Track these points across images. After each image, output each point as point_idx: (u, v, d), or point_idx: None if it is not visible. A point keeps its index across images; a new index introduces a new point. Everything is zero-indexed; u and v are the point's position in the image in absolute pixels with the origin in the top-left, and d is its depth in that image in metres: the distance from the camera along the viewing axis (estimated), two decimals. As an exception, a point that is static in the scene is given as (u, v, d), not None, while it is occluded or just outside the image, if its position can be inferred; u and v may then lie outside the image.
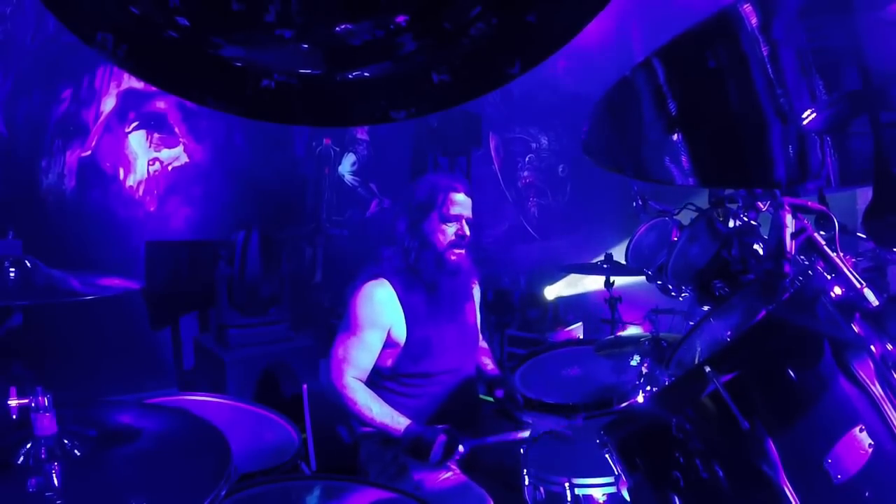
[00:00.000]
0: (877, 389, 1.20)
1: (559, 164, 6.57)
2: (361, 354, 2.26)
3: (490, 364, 2.59)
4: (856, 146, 1.27)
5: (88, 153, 4.96)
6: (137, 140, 5.17)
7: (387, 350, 2.29)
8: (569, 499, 1.74)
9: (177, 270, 4.80)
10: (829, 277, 1.31)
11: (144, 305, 4.75)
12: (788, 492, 1.09)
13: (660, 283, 2.26)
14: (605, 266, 3.97)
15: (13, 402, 1.27)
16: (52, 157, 4.83)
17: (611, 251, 4.12)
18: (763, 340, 1.23)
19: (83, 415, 1.47)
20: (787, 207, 1.34)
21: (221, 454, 1.36)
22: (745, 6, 1.07)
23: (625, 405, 2.15)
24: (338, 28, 0.82)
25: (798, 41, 1.08)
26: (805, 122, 1.19)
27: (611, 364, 2.57)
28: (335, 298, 5.62)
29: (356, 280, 2.32)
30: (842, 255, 1.33)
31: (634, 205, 2.61)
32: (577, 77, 5.56)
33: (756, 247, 1.82)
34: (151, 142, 5.22)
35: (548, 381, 2.70)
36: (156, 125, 5.21)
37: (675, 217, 2.43)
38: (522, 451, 1.95)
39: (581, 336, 5.36)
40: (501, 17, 0.80)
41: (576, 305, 5.65)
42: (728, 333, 1.66)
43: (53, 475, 1.22)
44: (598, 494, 1.74)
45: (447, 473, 2.10)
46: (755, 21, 1.06)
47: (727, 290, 1.86)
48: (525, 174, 6.58)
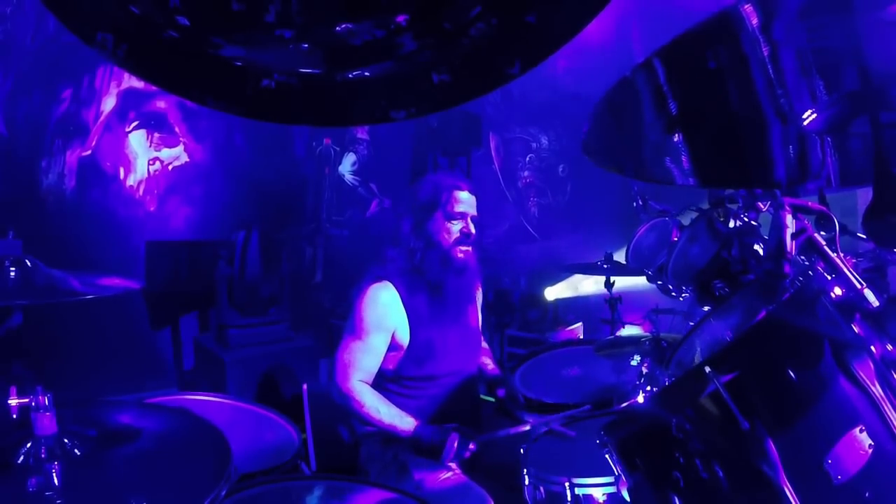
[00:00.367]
0: (877, 389, 1.20)
1: (559, 164, 6.57)
2: (367, 358, 2.25)
3: (490, 364, 2.58)
4: (856, 146, 1.27)
5: (88, 153, 4.96)
6: (137, 140, 5.17)
7: (390, 353, 2.28)
8: (569, 499, 1.74)
9: (177, 270, 4.81)
10: (829, 278, 1.31)
11: (144, 305, 4.75)
12: (788, 492, 1.09)
13: (660, 284, 2.26)
14: (605, 266, 3.96)
15: (13, 402, 1.27)
16: (52, 157, 4.83)
17: (611, 251, 4.11)
18: (763, 340, 1.23)
19: (83, 415, 1.48)
20: (788, 208, 1.34)
21: (221, 454, 1.36)
22: (746, 7, 1.07)
23: (625, 405, 2.15)
24: (338, 28, 0.82)
25: (798, 41, 1.08)
26: (805, 123, 1.19)
27: (611, 364, 2.57)
28: (335, 298, 5.62)
29: (360, 282, 2.31)
30: (842, 256, 1.33)
31: (634, 205, 2.62)
32: (577, 77, 5.56)
33: (756, 247, 1.82)
34: (151, 141, 5.22)
35: (548, 381, 2.70)
36: (156, 125, 5.22)
37: (675, 217, 2.44)
38: (522, 451, 1.95)
39: (581, 336, 5.36)
40: (501, 17, 0.80)
41: (576, 306, 5.65)
42: (728, 333, 1.66)
43: (53, 475, 1.22)
44: (598, 494, 1.73)
45: (447, 473, 2.10)
46: (755, 21, 1.06)
47: (727, 291, 1.86)
48: (525, 174, 6.58)
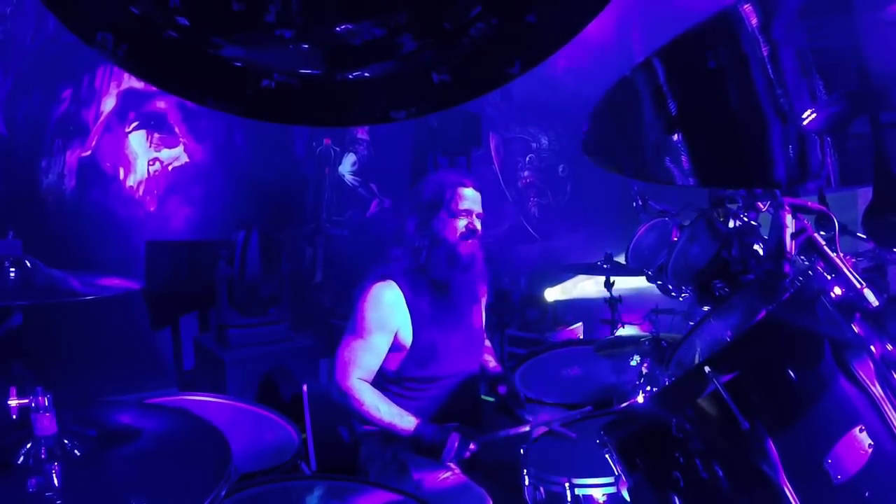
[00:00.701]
0: (877, 389, 1.20)
1: (559, 164, 6.57)
2: (368, 357, 2.24)
3: (492, 362, 2.58)
4: (856, 146, 1.27)
5: (88, 153, 4.96)
6: (137, 140, 5.17)
7: (392, 353, 2.27)
8: (569, 499, 1.74)
9: (177, 270, 4.80)
10: (829, 277, 1.31)
11: (144, 305, 4.74)
12: (788, 492, 1.09)
13: (660, 284, 2.26)
14: (605, 266, 3.96)
15: (13, 402, 1.27)
16: (52, 157, 4.83)
17: (611, 251, 4.11)
18: (763, 340, 1.23)
19: (83, 415, 1.48)
20: (787, 208, 1.34)
21: (221, 454, 1.36)
22: (746, 6, 1.07)
23: (625, 405, 2.15)
24: (338, 28, 0.82)
25: (798, 41, 1.08)
26: (805, 122, 1.19)
27: (611, 364, 2.57)
28: (335, 298, 5.62)
29: (364, 281, 2.29)
30: (842, 256, 1.33)
31: (634, 205, 2.62)
32: (577, 77, 5.56)
33: (756, 247, 1.82)
34: (151, 142, 5.22)
35: (548, 381, 2.70)
36: (156, 125, 5.21)
37: (675, 217, 2.44)
38: (522, 451, 1.95)
39: (581, 336, 5.35)
40: (501, 17, 0.80)
41: (575, 306, 5.65)
42: (728, 333, 1.66)
43: (53, 475, 1.22)
44: (598, 494, 1.73)
45: (447, 473, 2.10)
46: (755, 21, 1.06)
47: (727, 290, 1.86)
48: (525, 174, 6.58)
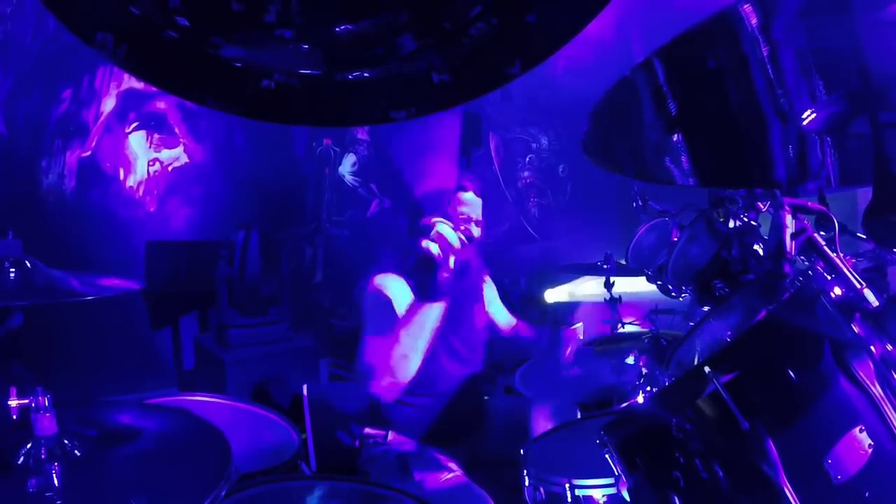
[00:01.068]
0: (877, 389, 1.20)
1: (559, 164, 6.57)
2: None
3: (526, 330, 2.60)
4: (856, 146, 1.27)
5: (88, 153, 4.96)
6: (137, 140, 5.17)
7: None
8: (569, 499, 1.74)
9: (177, 270, 4.80)
10: (829, 278, 1.31)
11: (144, 305, 4.75)
12: (788, 492, 1.09)
13: (660, 284, 2.26)
14: (605, 266, 3.96)
15: (13, 402, 1.27)
16: (52, 157, 4.83)
17: (611, 251, 4.11)
18: (763, 340, 1.23)
19: (83, 415, 1.48)
20: (787, 208, 1.34)
21: (221, 454, 1.36)
22: (745, 6, 1.07)
23: (625, 405, 2.15)
24: (338, 28, 0.82)
25: (798, 41, 1.08)
26: (805, 123, 1.19)
27: (611, 364, 2.58)
28: (335, 298, 5.62)
29: (362, 281, 2.24)
30: (842, 256, 1.33)
31: (634, 205, 2.62)
32: (577, 77, 5.56)
33: (756, 247, 1.82)
34: (151, 142, 5.22)
35: (548, 381, 2.70)
36: (156, 125, 5.21)
37: (675, 217, 2.43)
38: (522, 452, 1.95)
39: (581, 336, 5.34)
40: (501, 17, 0.80)
41: (575, 306, 5.65)
42: (728, 333, 1.66)
43: (53, 475, 1.22)
44: (598, 495, 1.74)
45: (448, 474, 2.10)
46: (755, 21, 1.06)
47: (727, 291, 1.86)
48: (525, 174, 6.57)
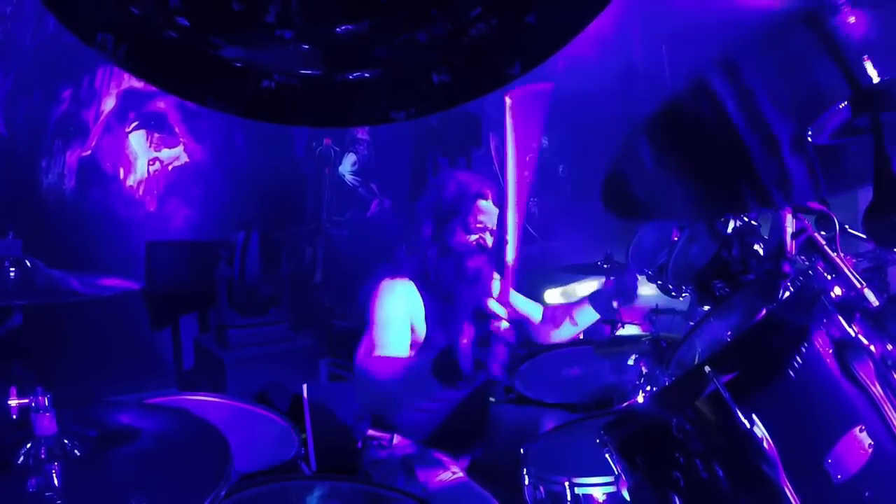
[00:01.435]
0: (877, 389, 1.20)
1: (559, 164, 6.57)
2: (390, 337, 2.05)
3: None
4: (855, 146, 1.27)
5: (88, 153, 4.96)
6: (137, 140, 5.17)
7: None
8: (569, 498, 1.74)
9: (177, 270, 4.81)
10: (829, 277, 1.31)
11: (144, 305, 4.75)
12: (788, 492, 1.09)
13: (660, 284, 2.26)
14: (605, 266, 3.97)
15: (13, 402, 1.27)
16: (52, 157, 4.83)
17: (610, 251, 4.11)
18: (763, 340, 1.23)
19: (83, 415, 1.48)
20: (788, 207, 1.34)
21: (221, 454, 1.36)
22: (713, 77, 1.08)
23: (625, 405, 2.15)
24: (338, 28, 0.82)
25: (770, 76, 1.08)
26: (811, 139, 1.19)
27: (611, 364, 2.58)
28: (335, 298, 5.62)
29: (371, 280, 2.20)
30: (842, 255, 1.33)
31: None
32: (577, 77, 5.56)
33: (756, 247, 1.82)
34: (151, 142, 5.22)
35: (548, 381, 2.71)
36: (156, 125, 5.21)
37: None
38: (523, 451, 1.95)
39: (581, 336, 5.34)
40: (501, 18, 0.80)
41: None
42: (728, 333, 1.66)
43: (53, 475, 1.22)
44: (599, 494, 1.74)
45: (451, 474, 2.10)
46: (723, 81, 1.07)
47: (727, 290, 1.86)
48: (525, 174, 6.57)
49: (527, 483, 1.84)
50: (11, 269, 1.97)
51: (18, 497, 1.19)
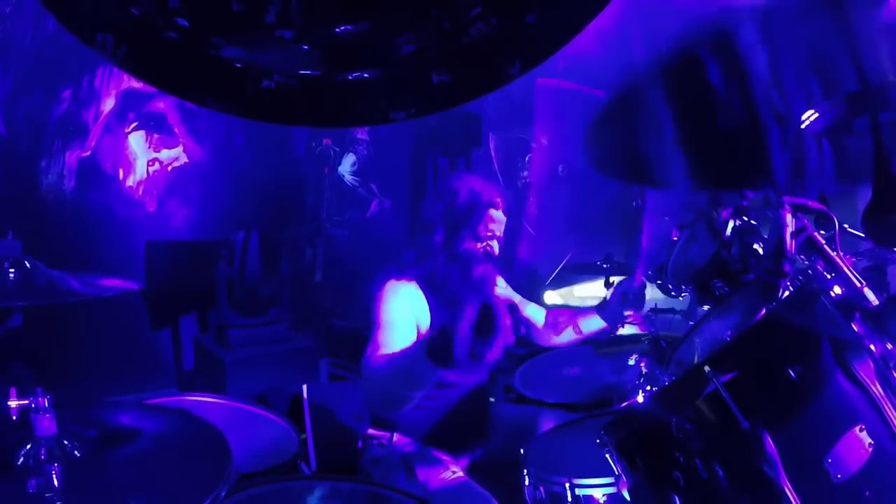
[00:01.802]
0: (877, 389, 1.21)
1: (559, 164, 6.57)
2: (394, 339, 2.04)
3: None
4: (856, 146, 1.27)
5: (88, 153, 4.96)
6: (137, 140, 5.17)
7: None
8: (569, 499, 1.74)
9: (177, 270, 4.81)
10: (829, 277, 1.31)
11: (144, 305, 4.75)
12: (788, 492, 1.09)
13: (660, 283, 2.26)
14: (605, 266, 3.96)
15: (13, 403, 1.27)
16: (52, 157, 4.83)
17: (610, 251, 4.11)
18: (763, 340, 1.23)
19: (83, 415, 1.47)
20: (788, 206, 1.34)
21: (221, 454, 1.36)
22: (741, 12, 1.08)
23: (625, 405, 2.15)
24: (337, 29, 0.82)
25: (795, 45, 1.08)
26: (805, 125, 1.19)
27: (611, 364, 2.58)
28: (335, 298, 5.62)
29: (376, 279, 2.20)
30: (841, 255, 1.33)
31: (634, 205, 2.62)
32: (577, 77, 5.56)
33: (756, 246, 1.82)
34: (151, 142, 5.22)
35: (548, 381, 2.71)
36: (155, 125, 5.21)
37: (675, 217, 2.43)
38: (523, 451, 1.95)
39: (581, 336, 5.34)
40: (501, 17, 0.80)
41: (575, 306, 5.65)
42: (728, 333, 1.66)
43: (53, 476, 1.22)
44: (599, 494, 1.74)
45: (452, 473, 2.10)
46: (751, 27, 1.07)
47: (727, 290, 1.86)
48: (525, 174, 6.57)
49: (527, 483, 1.84)
50: (11, 270, 1.97)
51: (18, 498, 1.19)
